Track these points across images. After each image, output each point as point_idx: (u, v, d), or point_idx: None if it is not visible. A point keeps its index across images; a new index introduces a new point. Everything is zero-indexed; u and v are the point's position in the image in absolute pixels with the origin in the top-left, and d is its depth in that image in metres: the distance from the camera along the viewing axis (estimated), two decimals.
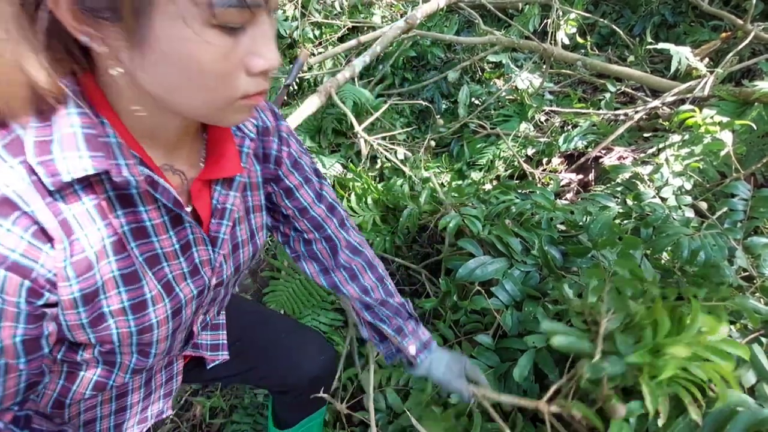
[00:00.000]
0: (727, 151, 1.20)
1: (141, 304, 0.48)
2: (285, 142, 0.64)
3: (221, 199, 0.55)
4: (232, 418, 1.31)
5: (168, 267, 0.50)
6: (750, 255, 0.96)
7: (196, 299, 0.55)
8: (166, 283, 0.50)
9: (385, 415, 1.06)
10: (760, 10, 2.11)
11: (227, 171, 0.53)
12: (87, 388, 0.55)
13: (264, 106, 0.62)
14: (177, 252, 0.51)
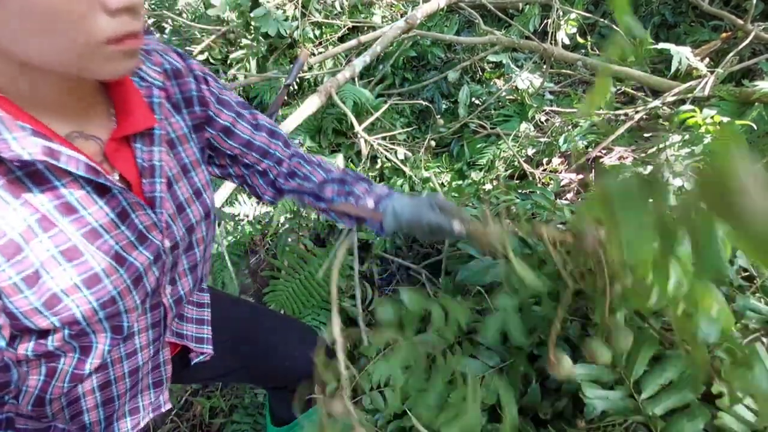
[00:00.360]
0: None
1: (93, 278, 0.48)
2: (202, 80, 0.62)
3: (145, 157, 0.53)
4: (232, 418, 1.31)
5: (111, 238, 0.49)
6: None
7: (154, 265, 0.54)
8: (115, 255, 0.50)
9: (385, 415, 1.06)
10: (761, 10, 2.11)
11: (139, 124, 0.52)
12: (65, 381, 0.54)
13: (165, 49, 0.59)
14: (115, 222, 0.50)
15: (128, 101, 0.52)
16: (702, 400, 0.72)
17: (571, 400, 0.89)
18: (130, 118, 0.52)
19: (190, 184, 0.61)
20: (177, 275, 0.63)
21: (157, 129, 0.54)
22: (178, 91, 0.60)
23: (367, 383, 1.10)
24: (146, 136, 0.54)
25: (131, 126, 0.51)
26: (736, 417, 0.68)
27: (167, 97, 0.58)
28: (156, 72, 0.56)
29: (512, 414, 0.53)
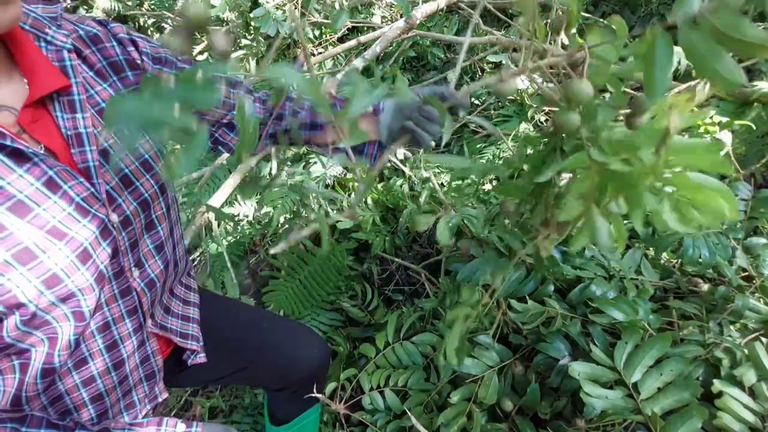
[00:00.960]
0: (727, 151, 1.20)
1: (24, 254, 0.46)
2: (128, 42, 0.59)
3: (69, 125, 0.52)
4: (231, 418, 1.31)
5: (45, 211, 0.48)
6: (750, 255, 0.96)
7: (103, 241, 0.53)
8: (52, 229, 0.48)
9: (385, 415, 1.06)
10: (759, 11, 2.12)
11: (49, 84, 0.50)
12: (37, 377, 0.53)
13: (80, 18, 0.58)
14: (42, 192, 0.48)
15: (33, 64, 0.50)
16: (701, 399, 0.72)
17: (570, 400, 0.89)
18: (36, 79, 0.50)
19: (135, 155, 0.58)
20: (143, 256, 0.61)
21: (76, 94, 0.53)
22: (101, 57, 0.57)
23: (367, 383, 1.10)
24: (66, 102, 0.52)
25: (40, 87, 0.49)
26: (735, 417, 0.68)
27: (89, 66, 0.56)
28: (64, 35, 0.54)
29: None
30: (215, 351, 0.80)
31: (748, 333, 0.83)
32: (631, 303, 0.85)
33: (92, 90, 0.56)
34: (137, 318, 0.63)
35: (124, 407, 0.67)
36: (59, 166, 0.50)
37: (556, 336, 0.91)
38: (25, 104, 0.50)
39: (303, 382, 0.88)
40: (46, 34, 0.53)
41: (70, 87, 0.52)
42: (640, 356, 0.75)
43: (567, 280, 1.03)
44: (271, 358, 0.85)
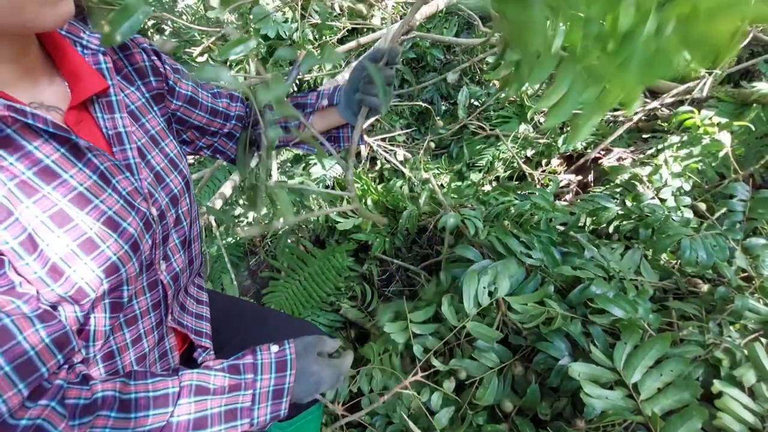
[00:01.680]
0: (726, 152, 1.20)
1: (88, 243, 0.48)
2: (151, 52, 0.64)
3: (109, 125, 0.54)
4: None
5: (101, 203, 0.50)
6: (749, 255, 0.96)
7: (146, 233, 0.56)
8: (108, 220, 0.50)
9: (383, 417, 1.06)
10: None
11: (92, 87, 0.52)
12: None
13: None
14: (100, 185, 0.51)
15: (75, 67, 0.53)
16: (701, 400, 0.72)
17: (570, 401, 0.89)
18: (81, 83, 0.52)
19: (163, 154, 0.62)
20: (169, 250, 0.64)
21: (113, 95, 0.55)
22: (127, 63, 0.61)
23: (366, 385, 1.10)
24: (105, 103, 0.55)
25: (84, 90, 0.52)
26: (735, 417, 0.68)
27: (117, 70, 0.60)
28: (97, 39, 0.57)
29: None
30: (220, 351, 0.81)
31: (747, 333, 0.83)
32: (631, 301, 0.85)
33: (122, 93, 0.59)
34: (160, 312, 0.65)
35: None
36: (109, 161, 0.53)
37: (556, 335, 0.91)
38: (70, 106, 0.52)
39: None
40: (81, 38, 0.56)
41: (108, 88, 0.55)
42: (640, 356, 0.75)
43: (567, 281, 1.03)
44: None
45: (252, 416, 0.53)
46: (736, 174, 1.16)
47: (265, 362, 0.56)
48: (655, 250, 1.03)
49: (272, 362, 0.56)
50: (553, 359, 0.91)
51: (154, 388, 0.50)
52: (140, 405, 0.49)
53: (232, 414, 0.52)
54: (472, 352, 0.97)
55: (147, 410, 0.49)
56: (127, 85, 0.61)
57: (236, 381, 0.54)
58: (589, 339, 0.88)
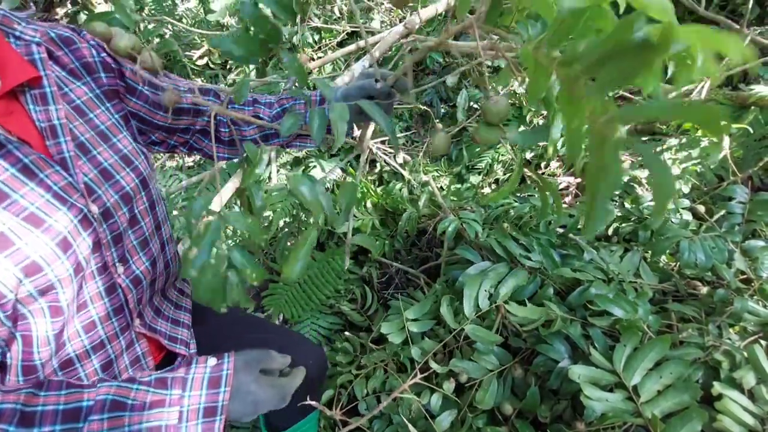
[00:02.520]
0: (724, 154, 1.20)
1: (1, 240, 0.46)
2: (99, 48, 0.62)
3: (42, 117, 0.53)
4: (230, 423, 1.30)
5: (22, 198, 0.48)
6: (748, 258, 0.96)
7: (83, 231, 0.53)
8: (29, 216, 0.48)
9: (382, 421, 1.06)
10: (756, 14, 2.13)
11: (18, 75, 0.51)
12: (17, 375, 0.52)
13: (53, 25, 0.60)
14: (19, 179, 0.49)
15: (4, 58, 0.51)
16: (700, 402, 0.72)
17: (570, 403, 0.89)
18: (9, 73, 0.50)
19: (114, 150, 0.60)
20: (127, 252, 0.61)
21: (47, 86, 0.54)
22: (74, 58, 0.59)
23: (362, 389, 1.09)
24: (37, 95, 0.53)
25: (10, 79, 0.50)
26: (734, 419, 0.68)
27: (62, 66, 0.58)
28: (33, 30, 0.55)
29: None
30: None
31: (747, 335, 0.83)
32: (631, 301, 0.85)
33: (66, 87, 0.58)
34: (124, 317, 0.62)
35: None
36: (34, 154, 0.51)
37: (556, 337, 0.91)
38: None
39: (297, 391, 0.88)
40: (14, 29, 0.54)
41: (40, 79, 0.53)
42: (640, 359, 0.75)
43: (566, 283, 1.03)
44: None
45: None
46: (735, 176, 1.16)
47: (197, 377, 0.52)
48: (654, 252, 1.03)
49: (205, 377, 0.52)
50: (552, 361, 0.91)
51: (66, 400, 0.47)
52: (46, 418, 0.45)
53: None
54: (472, 354, 0.97)
55: (53, 424, 0.45)
56: (73, 80, 0.59)
57: (160, 397, 0.50)
58: (589, 341, 0.87)
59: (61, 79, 0.58)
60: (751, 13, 1.83)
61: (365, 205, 1.60)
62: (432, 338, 1.06)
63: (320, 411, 1.02)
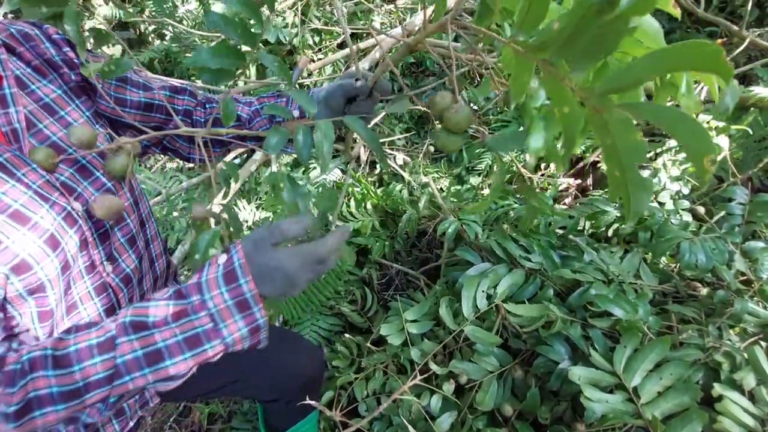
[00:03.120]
0: (724, 155, 1.20)
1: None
2: (62, 43, 0.61)
3: (3, 121, 0.52)
4: (231, 425, 1.30)
5: (4, 195, 0.48)
6: (748, 259, 0.96)
7: (70, 228, 0.53)
8: (14, 213, 0.48)
9: (382, 423, 1.06)
10: (756, 16, 2.13)
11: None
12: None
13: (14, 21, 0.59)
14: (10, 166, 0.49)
15: None
16: (701, 403, 0.72)
17: (570, 405, 0.89)
18: None
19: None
20: (115, 250, 0.61)
21: (6, 88, 0.53)
22: (35, 54, 0.58)
23: (362, 390, 1.09)
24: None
25: None
26: (735, 420, 0.68)
27: (26, 62, 0.57)
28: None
29: None
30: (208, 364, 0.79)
31: (747, 337, 0.83)
32: (631, 302, 0.85)
33: (33, 85, 0.57)
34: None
35: (114, 414, 0.66)
36: (8, 152, 0.50)
37: (556, 338, 0.91)
38: None
39: (296, 392, 0.87)
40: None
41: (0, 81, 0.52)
42: (640, 360, 0.75)
43: (566, 284, 1.03)
44: (264, 369, 0.84)
45: (222, 336, 0.47)
46: (735, 177, 1.16)
47: (211, 278, 0.48)
48: (655, 254, 1.03)
49: (219, 276, 0.48)
50: (553, 363, 0.91)
51: (97, 335, 0.47)
52: (82, 355, 0.45)
53: (195, 340, 0.47)
54: (472, 355, 0.97)
55: (91, 358, 0.45)
56: (39, 78, 0.58)
57: (181, 307, 0.48)
58: (589, 342, 0.87)
59: (25, 76, 0.56)
60: (750, 14, 1.84)
61: (365, 207, 1.60)
62: (432, 339, 1.06)
63: (320, 412, 1.02)
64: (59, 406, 0.44)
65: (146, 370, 0.46)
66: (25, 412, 0.43)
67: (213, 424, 1.35)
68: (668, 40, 1.37)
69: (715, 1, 2.20)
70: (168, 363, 0.46)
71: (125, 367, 0.45)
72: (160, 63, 2.69)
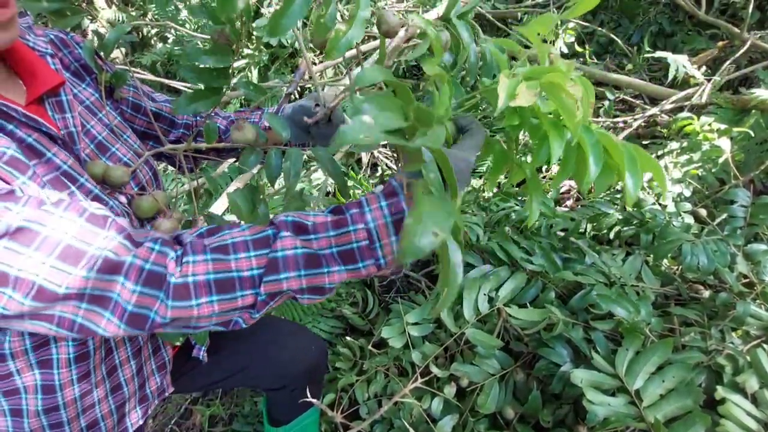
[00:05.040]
0: (726, 158, 1.20)
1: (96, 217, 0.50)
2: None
3: (62, 124, 0.56)
4: (232, 427, 1.30)
5: (82, 186, 0.53)
6: (750, 261, 0.96)
7: (118, 219, 0.56)
8: (95, 198, 0.53)
9: (383, 426, 1.05)
10: (757, 18, 2.13)
11: (47, 82, 0.54)
12: (71, 366, 0.56)
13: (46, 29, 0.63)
14: (76, 171, 0.54)
15: (30, 65, 0.54)
16: (703, 406, 0.71)
17: (572, 408, 0.89)
18: (37, 80, 0.54)
19: (127, 146, 0.64)
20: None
21: (63, 95, 0.57)
22: (72, 59, 0.63)
23: (363, 392, 1.09)
24: (54, 104, 0.56)
25: (40, 85, 0.54)
26: (738, 424, 0.67)
27: (65, 67, 0.62)
28: (43, 42, 0.59)
29: None
30: (216, 352, 0.81)
31: (750, 339, 0.83)
32: (633, 302, 0.85)
33: (75, 90, 0.61)
34: None
35: (139, 400, 0.68)
36: (77, 152, 0.55)
37: (558, 341, 0.91)
38: (27, 102, 0.54)
39: (302, 378, 0.89)
40: (27, 40, 0.57)
41: (58, 87, 0.56)
42: (642, 362, 0.75)
43: (568, 287, 1.03)
44: (271, 354, 0.86)
45: (376, 255, 0.44)
46: (737, 180, 1.16)
47: (370, 196, 0.46)
48: (656, 256, 1.03)
49: (378, 193, 0.46)
50: (554, 365, 0.91)
51: (252, 232, 0.46)
52: (238, 248, 0.44)
53: (350, 255, 0.44)
54: (473, 358, 0.97)
55: (246, 251, 0.44)
56: (78, 82, 0.63)
57: (340, 217, 0.45)
58: (591, 345, 0.87)
59: (70, 82, 0.61)
60: (751, 17, 1.84)
61: None
62: (433, 342, 1.06)
63: (321, 413, 1.02)
64: (213, 297, 0.43)
65: (302, 272, 0.44)
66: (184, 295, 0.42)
67: (214, 426, 1.35)
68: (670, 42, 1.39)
69: (716, 4, 2.20)
70: (324, 270, 0.44)
71: (283, 261, 0.43)
72: (162, 66, 2.71)
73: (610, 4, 2.63)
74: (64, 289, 0.40)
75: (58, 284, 0.40)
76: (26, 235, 0.39)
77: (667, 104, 1.67)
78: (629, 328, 0.81)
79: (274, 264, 0.43)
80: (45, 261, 0.40)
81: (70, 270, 0.40)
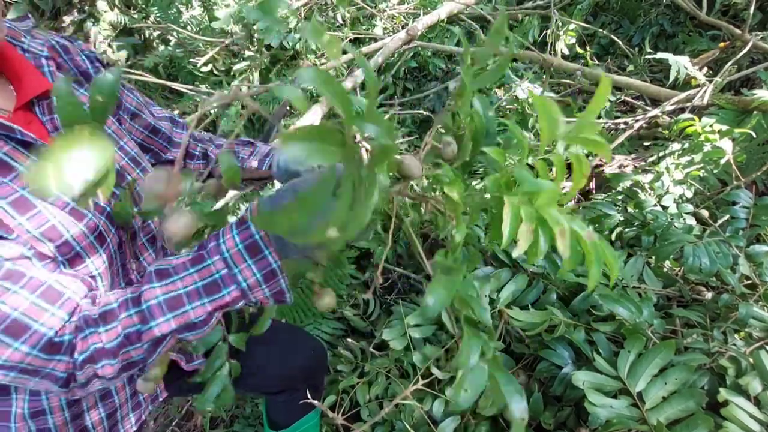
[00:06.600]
0: (727, 159, 1.20)
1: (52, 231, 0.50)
2: (95, 60, 0.66)
3: (50, 126, 0.56)
4: (233, 428, 1.30)
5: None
6: (752, 263, 0.96)
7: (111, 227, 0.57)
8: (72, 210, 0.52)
9: (384, 428, 1.05)
10: (758, 19, 2.13)
11: (34, 87, 0.54)
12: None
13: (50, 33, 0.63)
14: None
15: (17, 70, 0.54)
16: (706, 409, 0.71)
17: (574, 410, 0.89)
18: (24, 84, 0.54)
19: (124, 152, 0.63)
20: (138, 250, 0.65)
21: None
22: (72, 65, 0.63)
23: (364, 395, 1.09)
24: (45, 106, 0.56)
25: (27, 91, 0.54)
26: (741, 426, 0.67)
27: (62, 71, 0.61)
28: (40, 45, 0.59)
29: None
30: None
31: (752, 341, 0.82)
32: (635, 302, 0.84)
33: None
34: None
35: (132, 407, 0.68)
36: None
37: (559, 343, 0.91)
38: (16, 107, 0.53)
39: (301, 382, 0.88)
40: (22, 42, 0.57)
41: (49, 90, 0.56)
42: (644, 365, 0.75)
43: (569, 288, 1.03)
44: (269, 357, 0.86)
45: (237, 281, 0.47)
46: (738, 181, 1.16)
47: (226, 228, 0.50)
48: (658, 258, 1.03)
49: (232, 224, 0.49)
50: (556, 367, 0.90)
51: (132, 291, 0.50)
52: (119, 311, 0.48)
53: (214, 285, 0.47)
54: None
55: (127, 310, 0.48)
56: (77, 87, 0.62)
57: (198, 253, 0.49)
58: (593, 347, 0.87)
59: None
60: (752, 18, 1.84)
61: None
62: (434, 344, 1.05)
63: (322, 415, 1.02)
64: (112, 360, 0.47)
65: (169, 315, 0.47)
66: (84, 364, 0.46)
67: (215, 428, 1.35)
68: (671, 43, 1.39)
69: (718, 5, 2.20)
70: (189, 308, 0.47)
71: (149, 312, 0.47)
72: (164, 68, 2.71)
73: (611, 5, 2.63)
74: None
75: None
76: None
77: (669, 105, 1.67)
78: (631, 329, 0.81)
79: (144, 316, 0.47)
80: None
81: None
